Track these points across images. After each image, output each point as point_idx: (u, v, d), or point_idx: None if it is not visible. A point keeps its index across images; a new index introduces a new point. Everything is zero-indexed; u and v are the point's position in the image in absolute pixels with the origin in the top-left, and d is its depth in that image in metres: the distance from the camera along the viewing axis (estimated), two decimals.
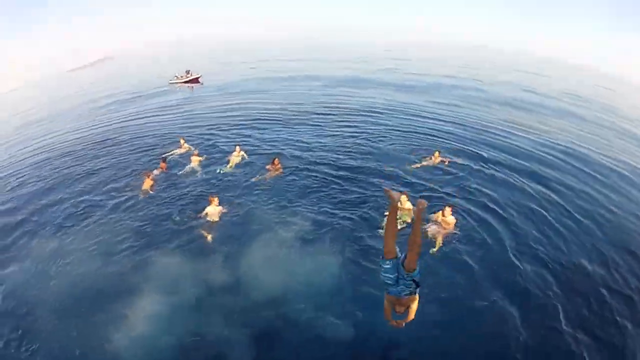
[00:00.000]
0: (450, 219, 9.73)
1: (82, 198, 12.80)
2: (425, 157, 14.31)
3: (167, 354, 6.84)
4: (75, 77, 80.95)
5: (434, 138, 17.45)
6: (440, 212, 9.85)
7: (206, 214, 10.81)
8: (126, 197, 12.51)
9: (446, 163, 13.90)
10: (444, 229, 9.62)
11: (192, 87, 36.25)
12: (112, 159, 16.36)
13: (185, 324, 7.43)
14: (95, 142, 19.56)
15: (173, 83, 37.73)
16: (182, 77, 37.93)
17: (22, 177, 15.82)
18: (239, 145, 15.31)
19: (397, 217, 8.79)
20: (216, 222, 10.70)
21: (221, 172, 13.90)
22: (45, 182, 14.70)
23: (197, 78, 37.84)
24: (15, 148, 21.99)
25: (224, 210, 11.04)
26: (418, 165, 13.86)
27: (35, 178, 15.34)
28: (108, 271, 9.02)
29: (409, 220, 9.69)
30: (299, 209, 11.17)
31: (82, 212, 11.90)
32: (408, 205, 10.04)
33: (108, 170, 15.05)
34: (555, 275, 8.62)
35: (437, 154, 14.04)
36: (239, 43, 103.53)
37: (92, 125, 24.31)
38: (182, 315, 7.63)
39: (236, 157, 14.66)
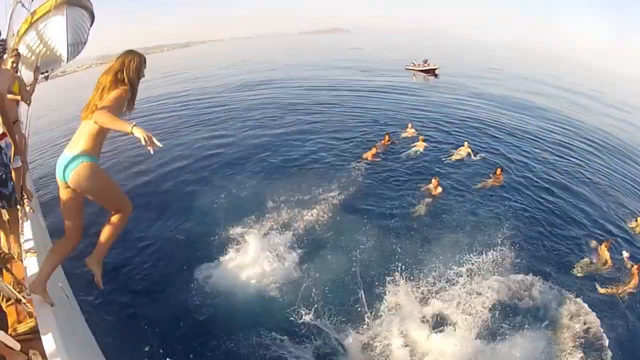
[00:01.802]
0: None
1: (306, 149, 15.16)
2: None
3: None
4: (306, 40, 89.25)
5: None
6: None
7: (427, 189, 11.99)
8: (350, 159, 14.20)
9: None
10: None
11: (428, 77, 36.60)
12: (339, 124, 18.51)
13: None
14: (324, 102, 22.54)
15: (409, 69, 38.85)
16: (419, 65, 38.63)
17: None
18: (467, 141, 15.40)
19: None
20: (434, 198, 11.70)
21: (445, 160, 14.43)
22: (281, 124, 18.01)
23: (434, 69, 37.97)
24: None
25: (441, 193, 11.92)
26: None
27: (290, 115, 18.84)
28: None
29: None
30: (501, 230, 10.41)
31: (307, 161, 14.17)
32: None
33: (338, 133, 17.16)
34: None
35: None
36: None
37: (326, 86, 27.94)
38: None
39: (462, 151, 14.89)
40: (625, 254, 9.77)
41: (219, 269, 8.32)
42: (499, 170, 13.39)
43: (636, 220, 11.68)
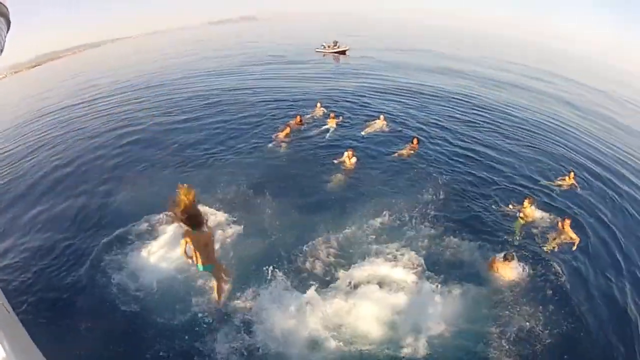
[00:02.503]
0: (568, 230, 9.15)
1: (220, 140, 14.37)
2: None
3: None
4: (217, 29, 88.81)
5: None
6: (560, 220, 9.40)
7: (341, 161, 11.76)
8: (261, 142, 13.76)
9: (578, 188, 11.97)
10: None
11: (339, 58, 36.34)
12: (251, 110, 17.71)
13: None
14: (236, 93, 21.38)
15: (319, 51, 38.35)
16: (329, 47, 38.33)
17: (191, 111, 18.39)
18: (384, 114, 15.47)
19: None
20: (349, 170, 11.55)
21: (363, 135, 14.34)
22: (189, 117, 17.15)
23: (345, 51, 37.89)
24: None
25: (356, 165, 11.74)
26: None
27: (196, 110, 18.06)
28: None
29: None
30: (413, 196, 10.50)
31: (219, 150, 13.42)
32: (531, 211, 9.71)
33: (247, 118, 16.54)
34: None
35: (571, 175, 12.15)
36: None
37: (236, 77, 26.82)
38: None
39: (378, 124, 14.91)
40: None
41: (132, 263, 7.91)
42: (415, 140, 13.38)
43: (564, 179, 12.07)
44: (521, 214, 9.66)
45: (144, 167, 12.48)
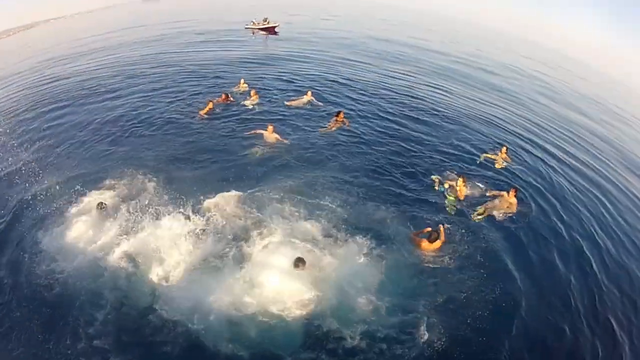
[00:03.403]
0: (513, 201, 9.73)
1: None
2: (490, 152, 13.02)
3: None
4: (150, 5, 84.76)
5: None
6: (506, 192, 9.91)
7: (261, 133, 11.80)
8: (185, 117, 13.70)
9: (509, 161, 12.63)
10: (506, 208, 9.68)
11: (267, 35, 35.73)
12: (174, 87, 17.37)
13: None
14: (162, 69, 20.78)
15: (249, 28, 37.48)
16: (259, 23, 37.48)
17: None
18: (310, 90, 15.72)
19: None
20: (269, 144, 11.61)
21: (287, 108, 14.63)
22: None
23: (274, 27, 37.27)
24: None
25: (279, 139, 11.76)
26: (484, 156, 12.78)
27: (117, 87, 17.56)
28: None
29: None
30: (342, 165, 11.05)
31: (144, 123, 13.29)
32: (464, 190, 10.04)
33: (169, 94, 16.24)
34: None
35: (504, 149, 12.72)
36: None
37: (163, 53, 25.74)
38: None
39: (305, 99, 15.22)
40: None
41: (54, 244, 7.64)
42: (340, 113, 13.61)
43: (500, 152, 12.49)
44: (453, 191, 9.96)
45: (65, 146, 12.07)
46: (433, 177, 10.58)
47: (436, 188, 10.21)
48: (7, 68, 28.07)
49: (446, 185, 10.15)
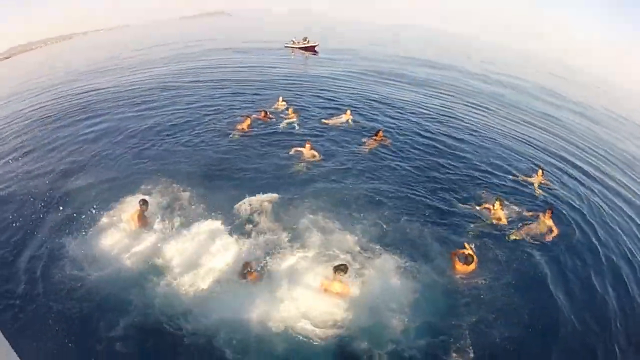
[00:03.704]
0: (549, 222, 9.43)
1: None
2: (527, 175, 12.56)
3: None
4: (189, 24, 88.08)
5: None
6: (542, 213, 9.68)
7: (300, 151, 11.80)
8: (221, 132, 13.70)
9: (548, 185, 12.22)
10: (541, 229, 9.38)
11: (307, 54, 35.95)
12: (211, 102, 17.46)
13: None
14: (200, 85, 21.13)
15: (288, 47, 37.94)
16: (298, 42, 37.97)
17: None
18: (350, 109, 15.64)
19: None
20: (307, 160, 11.60)
21: (326, 127, 14.49)
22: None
23: (314, 46, 37.68)
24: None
25: (317, 157, 11.73)
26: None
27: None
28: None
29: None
30: (378, 186, 10.75)
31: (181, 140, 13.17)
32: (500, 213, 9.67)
33: (206, 109, 16.28)
34: None
35: (540, 172, 12.31)
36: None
37: (207, 67, 26.43)
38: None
39: (344, 118, 15.10)
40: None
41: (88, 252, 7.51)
42: (379, 132, 13.49)
43: (536, 174, 12.12)
44: (491, 214, 9.65)
45: (101, 157, 12.05)
46: (481, 206, 10.10)
47: (481, 207, 9.93)
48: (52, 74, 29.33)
49: (483, 207, 9.94)
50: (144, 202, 8.07)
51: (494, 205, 9.70)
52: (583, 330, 6.91)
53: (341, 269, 6.65)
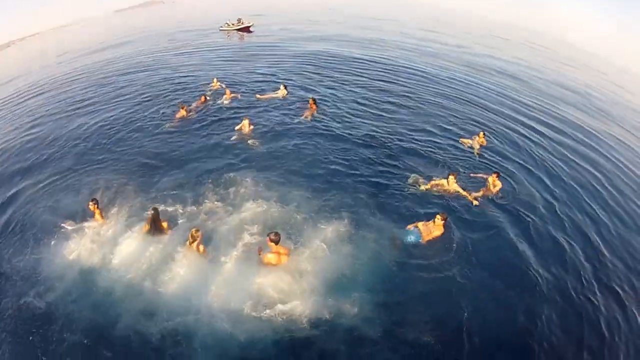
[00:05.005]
0: (497, 183, 9.86)
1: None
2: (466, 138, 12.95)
3: None
4: (123, 17, 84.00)
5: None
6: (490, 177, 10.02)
7: (240, 128, 12.23)
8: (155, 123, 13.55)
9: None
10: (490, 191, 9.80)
11: (243, 35, 35.43)
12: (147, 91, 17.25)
13: None
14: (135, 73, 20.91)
15: (223, 29, 37.24)
16: (233, 24, 37.26)
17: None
18: (284, 84, 15.92)
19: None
20: (248, 135, 11.95)
21: (260, 103, 14.67)
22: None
23: (249, 27, 37.11)
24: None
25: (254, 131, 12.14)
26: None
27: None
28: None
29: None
30: (312, 152, 11.18)
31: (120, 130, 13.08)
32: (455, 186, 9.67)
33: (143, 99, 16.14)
34: None
35: (481, 134, 12.73)
36: None
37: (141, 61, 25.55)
38: None
39: (280, 93, 15.41)
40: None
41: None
42: (311, 100, 13.90)
43: (473, 138, 12.49)
44: (443, 188, 9.60)
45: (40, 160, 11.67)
46: (410, 180, 10.00)
47: (421, 188, 9.66)
48: None
49: (428, 186, 9.68)
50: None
51: (448, 181, 9.61)
52: (552, 280, 7.37)
53: (271, 238, 6.60)
